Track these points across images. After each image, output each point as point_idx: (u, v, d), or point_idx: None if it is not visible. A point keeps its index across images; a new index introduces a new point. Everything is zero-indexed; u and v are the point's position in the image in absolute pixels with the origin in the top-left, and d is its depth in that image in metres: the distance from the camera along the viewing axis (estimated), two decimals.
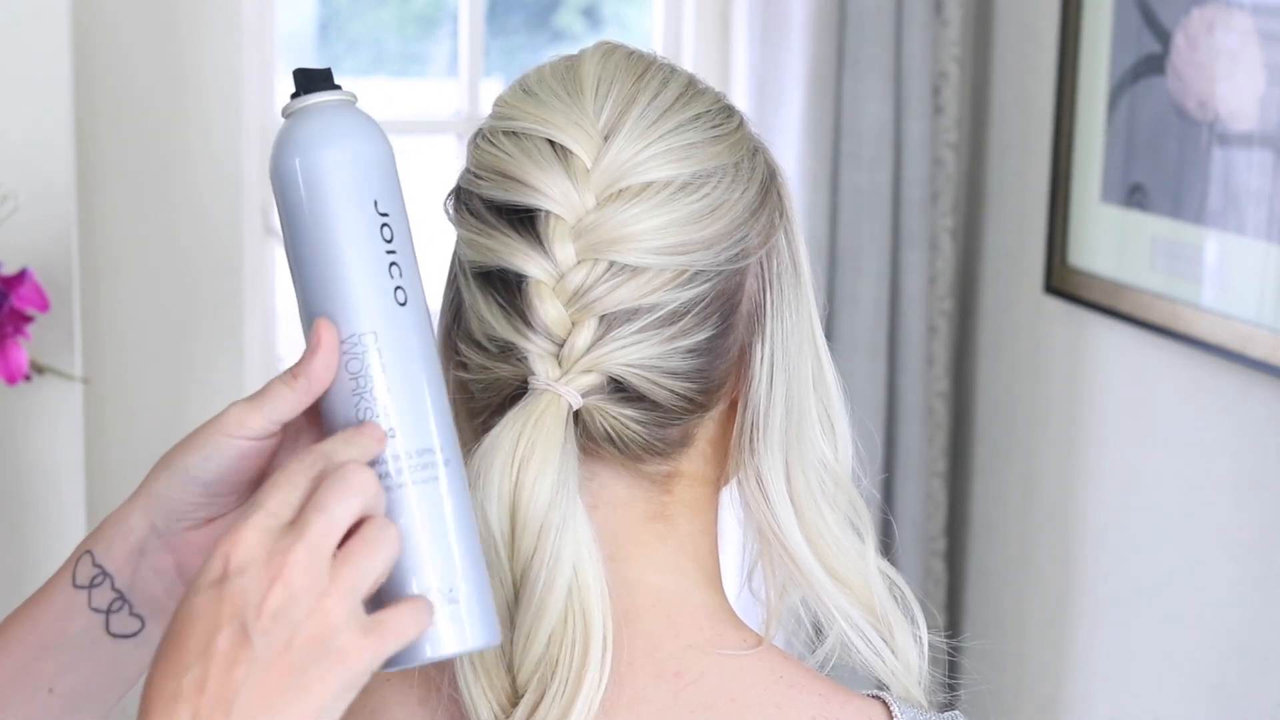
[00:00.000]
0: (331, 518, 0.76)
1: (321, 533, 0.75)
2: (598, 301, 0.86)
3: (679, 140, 0.89)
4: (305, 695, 0.74)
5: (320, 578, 0.75)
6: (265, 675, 0.73)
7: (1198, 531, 1.99)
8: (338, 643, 0.75)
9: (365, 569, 0.76)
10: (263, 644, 0.73)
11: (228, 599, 0.74)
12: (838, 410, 0.96)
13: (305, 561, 0.75)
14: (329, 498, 0.76)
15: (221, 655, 0.73)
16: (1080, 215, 2.18)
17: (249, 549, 0.75)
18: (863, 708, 0.92)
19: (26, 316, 1.74)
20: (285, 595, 0.74)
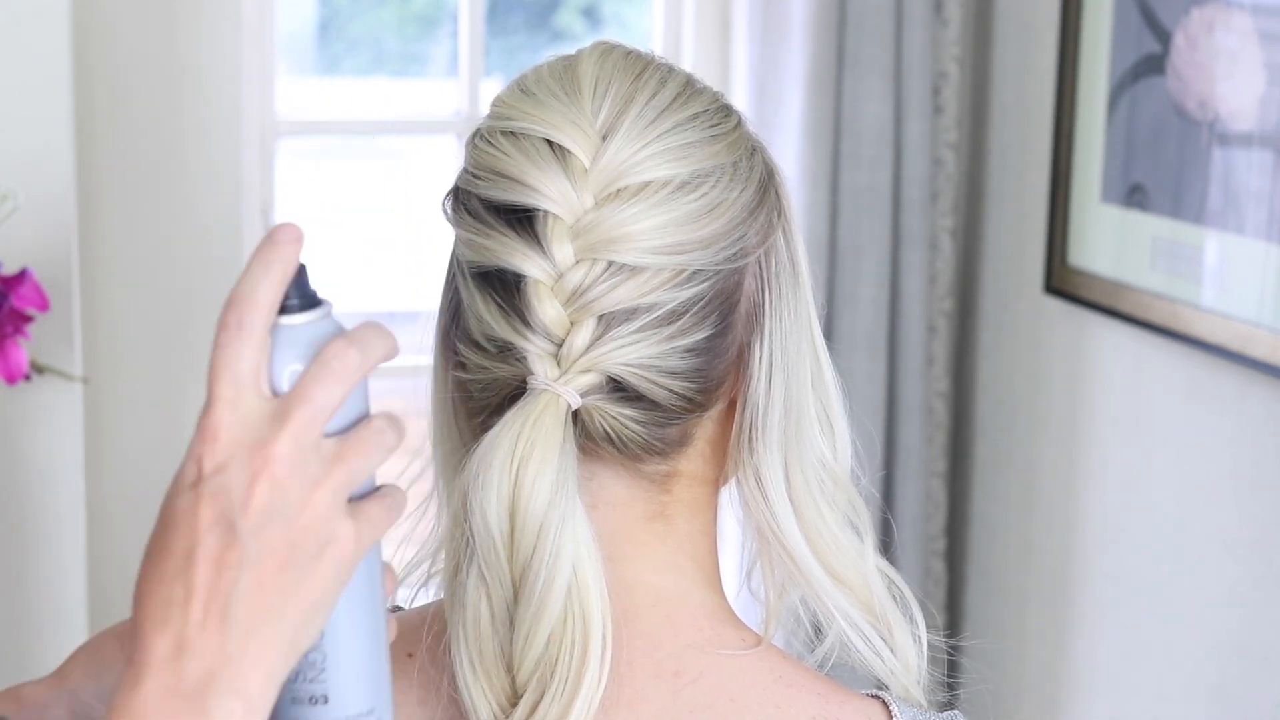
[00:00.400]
0: (315, 406, 0.72)
1: (305, 421, 0.72)
2: (596, 301, 0.86)
3: (677, 140, 0.89)
4: (302, 591, 0.71)
5: (309, 469, 0.72)
6: (260, 575, 0.70)
7: (1198, 531, 1.99)
8: (332, 534, 0.72)
9: (359, 466, 0.73)
10: (254, 544, 0.70)
11: (208, 500, 0.70)
12: (836, 410, 0.96)
13: (290, 453, 0.71)
14: (311, 386, 0.73)
15: (209, 559, 0.70)
16: (1080, 215, 2.18)
17: (225, 446, 0.71)
18: (862, 707, 0.92)
19: (26, 316, 1.74)
20: (272, 491, 0.71)
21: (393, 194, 3.84)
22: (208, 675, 0.69)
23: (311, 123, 2.56)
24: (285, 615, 0.71)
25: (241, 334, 0.72)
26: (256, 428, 0.72)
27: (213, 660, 0.69)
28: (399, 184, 3.78)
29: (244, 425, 0.71)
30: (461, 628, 0.86)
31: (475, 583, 0.86)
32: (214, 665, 0.69)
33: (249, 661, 0.70)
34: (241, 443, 0.71)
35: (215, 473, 0.71)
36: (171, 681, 0.69)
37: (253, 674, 0.70)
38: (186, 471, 0.72)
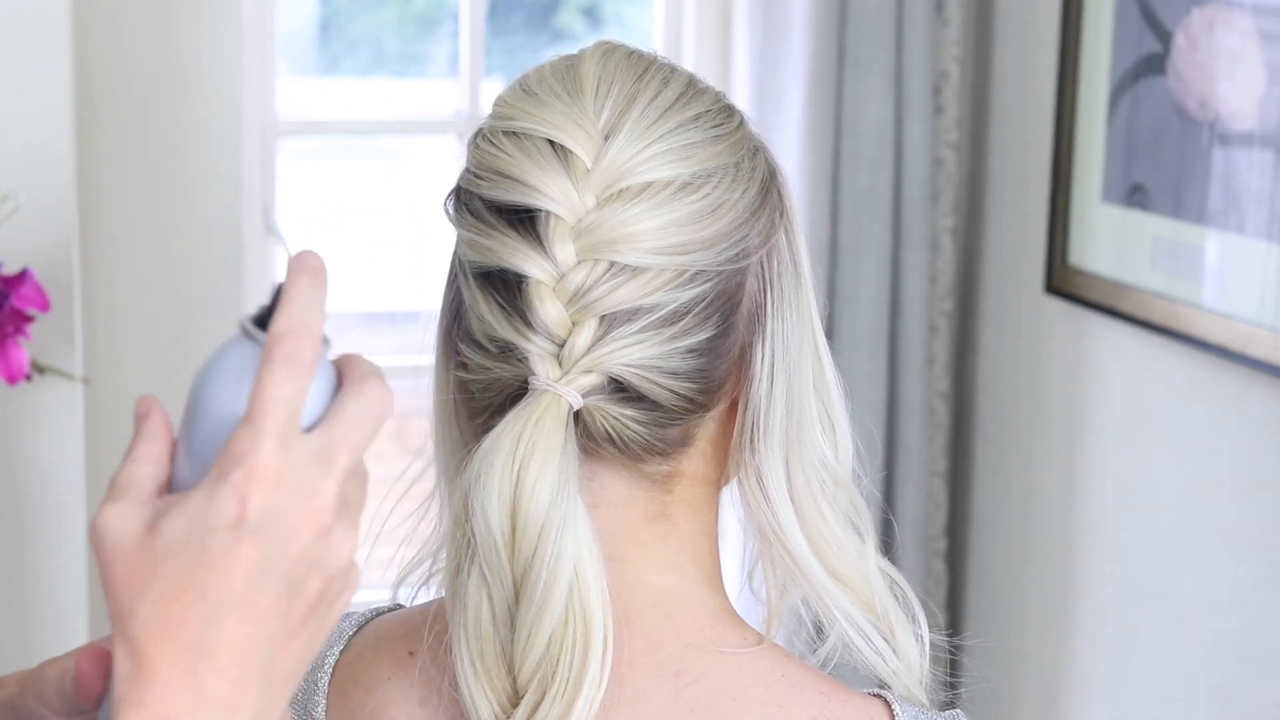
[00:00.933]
0: (356, 452, 0.70)
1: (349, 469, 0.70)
2: (598, 302, 0.86)
3: (679, 140, 0.89)
4: (317, 639, 0.70)
5: (348, 515, 0.70)
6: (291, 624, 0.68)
7: (1198, 531, 1.99)
8: (346, 578, 0.70)
9: (358, 502, 0.71)
10: (292, 594, 0.67)
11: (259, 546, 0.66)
12: (838, 410, 0.96)
13: (333, 503, 0.69)
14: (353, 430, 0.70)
15: (257, 609, 0.66)
16: (1081, 215, 2.18)
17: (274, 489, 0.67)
18: (864, 706, 0.92)
19: (26, 316, 1.74)
20: (319, 542, 0.68)
21: (393, 194, 3.84)
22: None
23: (311, 123, 2.56)
24: (304, 662, 0.70)
25: (294, 368, 0.69)
26: (308, 473, 0.68)
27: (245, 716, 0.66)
28: (399, 184, 3.78)
29: (293, 468, 0.68)
30: (463, 628, 0.86)
31: (476, 583, 0.86)
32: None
33: (275, 714, 0.68)
34: (293, 488, 0.67)
35: (265, 516, 0.67)
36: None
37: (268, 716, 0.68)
38: (223, 508, 0.67)
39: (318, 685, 0.95)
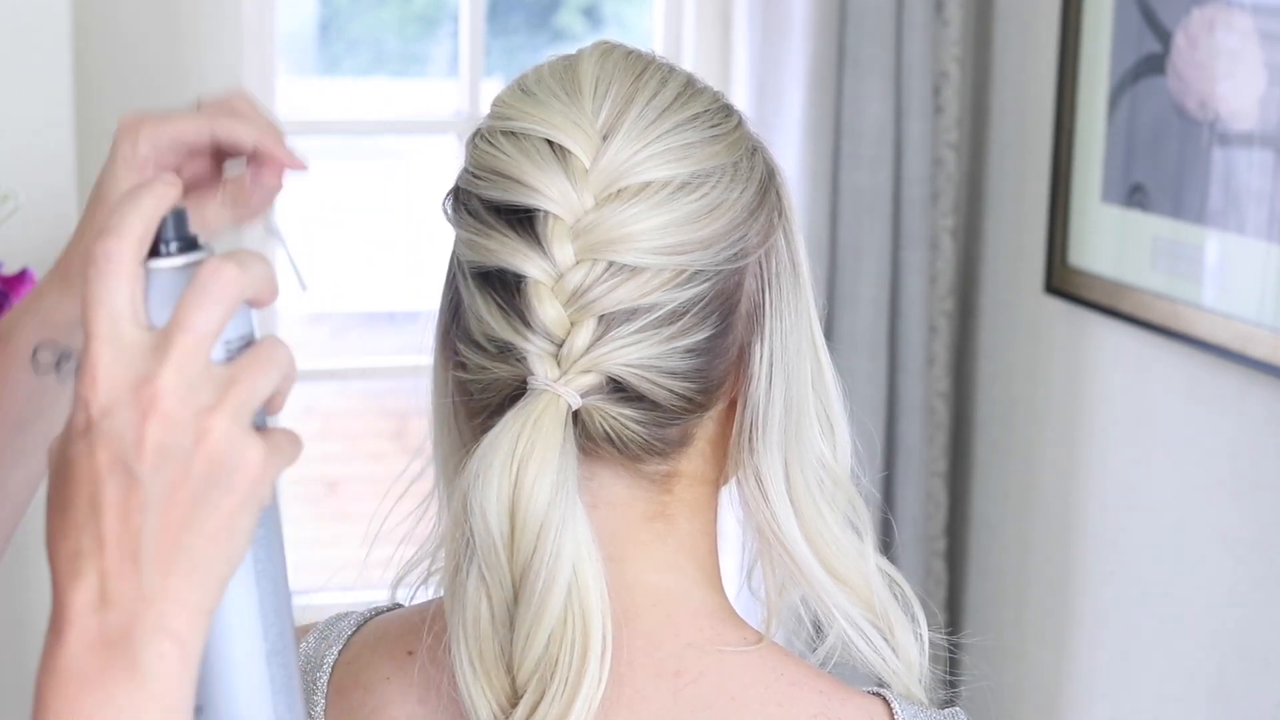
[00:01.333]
0: (196, 332, 0.69)
1: (189, 349, 0.69)
2: (596, 302, 0.86)
3: (677, 140, 0.89)
4: (214, 521, 0.69)
5: (200, 397, 0.69)
6: (165, 515, 0.68)
7: (1198, 531, 1.99)
8: (234, 461, 0.69)
9: (255, 385, 0.70)
10: (154, 484, 0.68)
11: (102, 445, 0.68)
12: (836, 410, 0.97)
13: (176, 384, 0.68)
14: (190, 311, 0.69)
15: (113, 505, 0.68)
16: (1080, 215, 2.18)
17: (109, 388, 0.68)
18: (864, 705, 0.92)
19: None
20: (164, 427, 0.68)
21: (393, 194, 3.84)
22: (130, 620, 0.68)
23: (311, 123, 2.56)
24: (199, 550, 0.69)
25: (110, 267, 0.70)
26: (139, 363, 0.69)
27: (132, 605, 0.68)
28: (399, 184, 3.78)
29: (125, 363, 0.69)
30: (462, 627, 0.86)
31: (475, 583, 0.86)
32: (135, 609, 0.68)
33: (171, 600, 0.68)
34: (125, 381, 0.68)
35: (103, 416, 0.68)
36: (95, 632, 0.68)
37: (177, 611, 0.68)
38: (76, 418, 0.69)
39: (317, 684, 0.95)
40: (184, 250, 0.73)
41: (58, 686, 0.68)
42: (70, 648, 0.68)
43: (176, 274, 0.72)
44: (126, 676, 0.67)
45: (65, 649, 0.68)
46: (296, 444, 0.73)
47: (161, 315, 0.71)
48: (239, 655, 0.74)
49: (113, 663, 0.67)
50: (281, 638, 0.76)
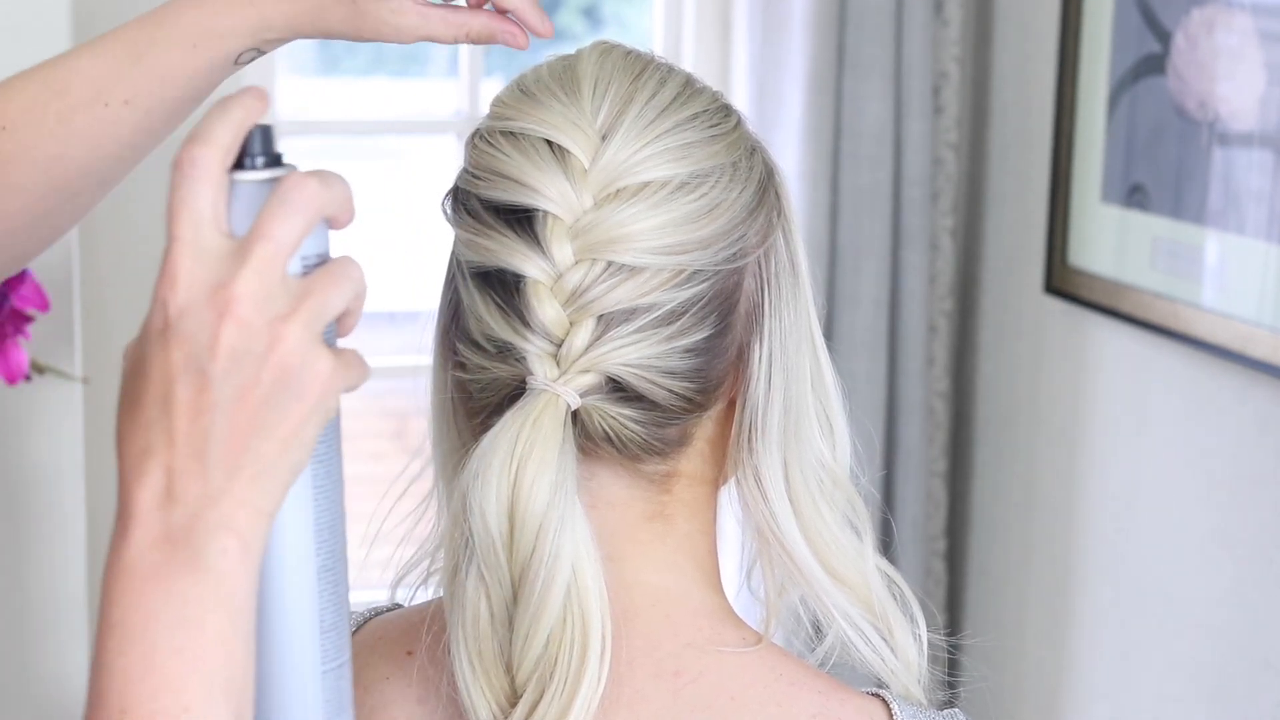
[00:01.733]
0: (276, 241, 0.71)
1: (267, 257, 0.70)
2: (595, 301, 0.86)
3: (676, 140, 0.89)
4: (277, 428, 0.70)
5: (275, 305, 0.70)
6: (234, 417, 0.69)
7: (1198, 531, 1.99)
8: (304, 369, 0.70)
9: (328, 298, 0.72)
10: (225, 386, 0.69)
11: (177, 345, 0.70)
12: (836, 410, 0.97)
13: (254, 291, 0.70)
14: (271, 222, 0.71)
15: (184, 404, 0.69)
16: (1080, 215, 2.18)
17: (187, 290, 0.70)
18: (863, 705, 0.92)
19: (26, 316, 1.74)
20: (238, 331, 0.69)
21: (393, 194, 3.85)
22: (194, 518, 0.69)
23: (311, 123, 2.56)
24: (264, 454, 0.70)
25: (196, 173, 0.71)
26: (218, 267, 0.70)
27: (197, 503, 0.69)
28: (399, 184, 3.78)
29: (205, 265, 0.70)
30: (461, 627, 0.86)
31: (475, 583, 0.86)
32: (199, 507, 0.69)
33: (234, 500, 0.70)
34: (204, 283, 0.70)
35: (180, 317, 0.70)
36: (160, 528, 0.69)
37: (240, 511, 0.70)
38: (153, 318, 0.71)
39: None
40: (268, 166, 0.74)
41: (124, 582, 0.69)
42: (135, 544, 0.69)
43: (259, 186, 0.73)
44: (189, 571, 0.69)
45: (130, 545, 0.69)
46: (364, 366, 0.74)
47: (242, 225, 0.72)
48: (289, 564, 0.76)
49: (176, 558, 0.69)
50: (332, 555, 0.78)
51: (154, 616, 0.68)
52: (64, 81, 0.97)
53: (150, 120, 0.98)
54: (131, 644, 0.68)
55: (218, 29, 0.95)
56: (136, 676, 0.68)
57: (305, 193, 0.72)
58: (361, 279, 0.74)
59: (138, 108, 0.96)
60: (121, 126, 0.97)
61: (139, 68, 0.95)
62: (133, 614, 0.69)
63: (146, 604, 0.69)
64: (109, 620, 0.69)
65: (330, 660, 0.78)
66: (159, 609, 0.69)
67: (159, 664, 0.68)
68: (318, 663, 0.77)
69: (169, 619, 0.68)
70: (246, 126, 0.74)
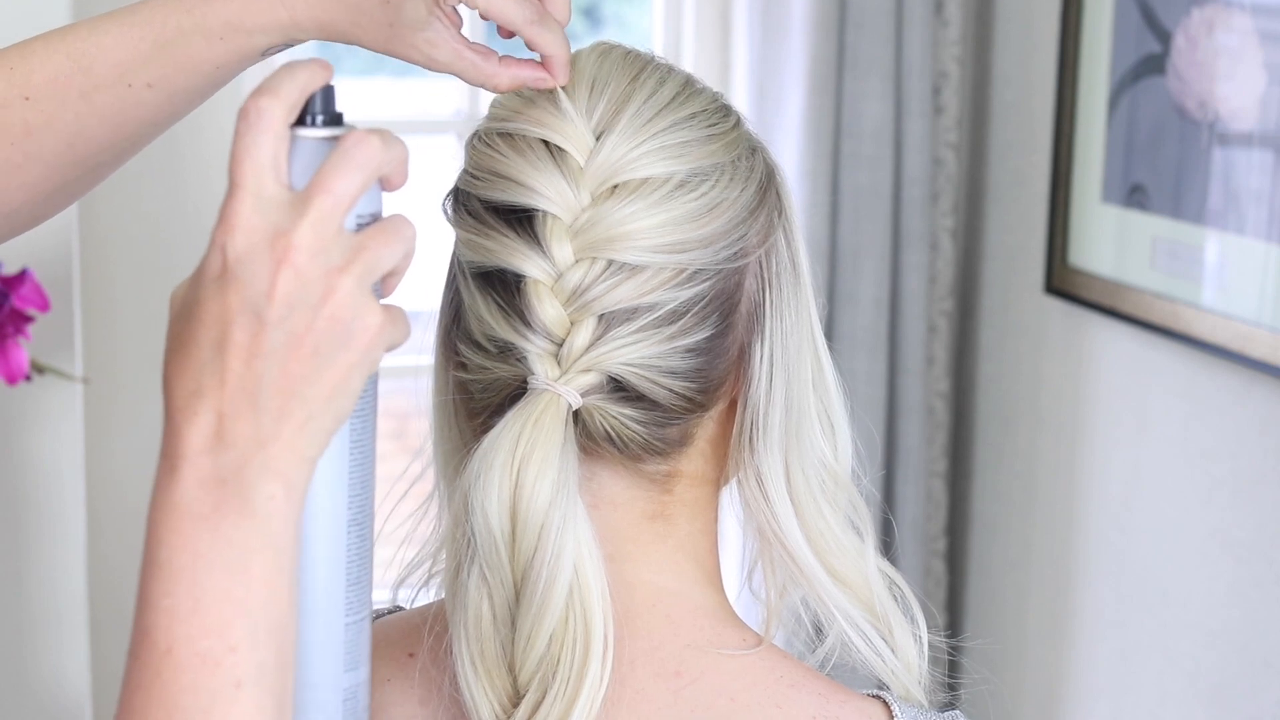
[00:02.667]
0: (336, 195, 0.72)
1: (326, 209, 0.72)
2: (596, 301, 0.86)
3: (673, 138, 0.89)
4: (329, 376, 0.71)
5: (330, 256, 0.72)
6: (286, 363, 0.71)
7: (1198, 531, 1.99)
8: (355, 321, 0.72)
9: (381, 254, 0.73)
10: (279, 331, 0.70)
11: (234, 290, 0.71)
12: (837, 410, 0.97)
13: (311, 241, 0.71)
14: (332, 175, 0.72)
15: (238, 347, 0.70)
16: (1080, 215, 2.18)
17: (247, 236, 0.71)
18: (863, 707, 0.92)
19: (26, 316, 1.74)
20: (295, 279, 0.71)
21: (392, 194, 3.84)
22: (243, 461, 0.70)
23: None
24: (312, 400, 0.71)
25: (262, 123, 0.73)
26: (277, 216, 0.71)
27: (246, 446, 0.70)
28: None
29: (265, 214, 0.71)
30: (463, 628, 0.86)
31: (477, 583, 0.86)
32: (248, 451, 0.70)
33: (282, 444, 0.71)
34: (263, 231, 0.71)
35: (238, 263, 0.71)
36: (209, 470, 0.70)
37: (288, 456, 0.71)
38: (210, 263, 0.71)
39: None
40: (328, 125, 0.76)
41: (172, 522, 0.70)
42: (184, 484, 0.70)
43: (320, 144, 0.75)
44: (238, 513, 0.70)
45: (179, 484, 0.70)
46: (408, 324, 0.76)
47: (301, 179, 0.74)
48: (322, 514, 0.77)
49: (226, 500, 0.70)
50: (362, 510, 0.78)
51: (201, 557, 0.69)
52: (90, 58, 0.97)
53: (173, 104, 0.98)
54: (177, 583, 0.69)
55: (246, 25, 0.95)
56: (183, 616, 0.69)
57: (367, 150, 0.73)
58: (414, 238, 0.75)
59: (160, 91, 0.97)
60: (143, 108, 0.97)
61: (165, 54, 0.96)
62: (180, 554, 0.69)
63: (194, 545, 0.69)
64: (155, 559, 0.70)
65: (354, 613, 0.79)
66: (206, 550, 0.69)
67: (205, 604, 0.69)
68: (341, 613, 0.78)
69: (216, 560, 0.69)
70: (312, 87, 0.75)
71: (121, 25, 0.97)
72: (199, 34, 0.95)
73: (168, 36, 0.96)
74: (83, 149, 0.99)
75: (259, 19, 0.95)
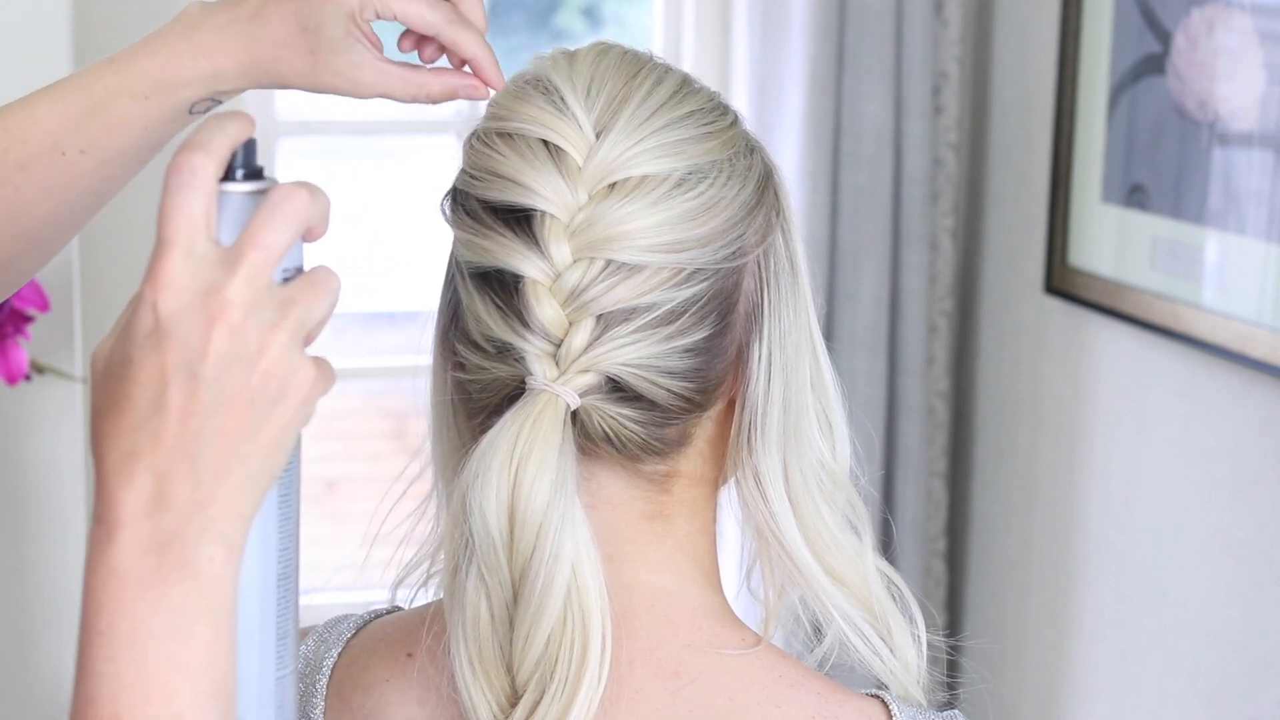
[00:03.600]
0: (267, 249, 0.71)
1: (258, 264, 0.71)
2: (594, 301, 0.86)
3: (670, 136, 0.89)
4: (265, 433, 0.71)
5: (263, 312, 0.71)
6: (224, 421, 0.70)
7: (1198, 531, 1.99)
8: (289, 376, 0.71)
9: (312, 307, 0.73)
10: (214, 389, 0.69)
11: (168, 348, 0.70)
12: (835, 410, 0.97)
13: (245, 298, 0.70)
14: (262, 230, 0.72)
15: (174, 407, 0.69)
16: (1080, 215, 2.18)
17: (178, 294, 0.70)
18: (862, 706, 0.92)
19: (26, 316, 1.74)
20: (230, 336, 0.70)
21: (392, 194, 3.84)
22: (183, 523, 0.69)
23: (311, 123, 2.56)
24: (249, 458, 0.71)
25: (195, 180, 0.72)
26: (209, 273, 0.71)
27: (186, 508, 0.69)
28: (399, 184, 3.78)
29: (196, 271, 0.71)
30: (461, 628, 0.86)
31: (475, 583, 0.86)
32: (188, 512, 0.69)
33: (220, 506, 0.70)
34: (195, 288, 0.70)
35: (170, 321, 0.70)
36: (148, 535, 0.69)
37: (226, 517, 0.70)
38: (140, 320, 0.70)
39: (316, 687, 0.95)
40: (248, 178, 0.76)
41: (111, 588, 0.69)
42: (122, 549, 0.69)
43: (247, 198, 0.75)
44: (179, 578, 0.69)
45: (117, 550, 0.69)
46: (333, 373, 0.75)
47: (229, 235, 0.73)
48: (252, 570, 0.76)
49: (166, 564, 0.69)
50: (290, 564, 0.78)
51: (143, 623, 0.68)
52: (23, 129, 0.97)
53: (108, 169, 0.98)
54: (120, 651, 0.68)
55: (170, 80, 0.95)
56: (127, 684, 0.68)
57: (296, 203, 0.73)
58: (339, 290, 0.75)
59: (93, 157, 0.96)
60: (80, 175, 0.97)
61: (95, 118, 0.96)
62: (121, 621, 0.69)
63: (135, 611, 0.69)
64: (95, 627, 0.69)
65: (284, 666, 0.79)
66: (148, 616, 0.69)
67: (149, 671, 0.68)
68: (273, 668, 0.78)
69: (159, 627, 0.69)
70: (239, 140, 0.75)
71: (54, 94, 0.98)
72: (125, 94, 0.95)
73: (96, 98, 0.96)
74: (24, 222, 0.98)
75: (181, 72, 0.95)
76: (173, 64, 0.95)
